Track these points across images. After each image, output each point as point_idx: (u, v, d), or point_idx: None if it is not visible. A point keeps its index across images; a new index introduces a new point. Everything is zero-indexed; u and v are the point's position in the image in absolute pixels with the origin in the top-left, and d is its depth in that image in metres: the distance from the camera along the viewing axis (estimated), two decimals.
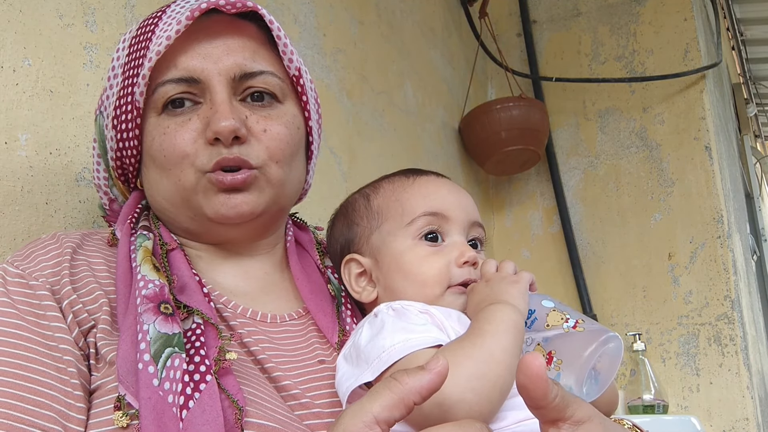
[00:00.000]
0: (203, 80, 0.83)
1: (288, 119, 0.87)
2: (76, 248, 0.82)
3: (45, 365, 0.70)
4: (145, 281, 0.76)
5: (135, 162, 0.88)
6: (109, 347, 0.73)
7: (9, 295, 0.74)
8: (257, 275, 0.91)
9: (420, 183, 0.90)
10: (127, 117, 0.85)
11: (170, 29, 0.81)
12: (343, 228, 0.93)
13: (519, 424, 0.68)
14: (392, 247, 0.86)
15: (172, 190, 0.84)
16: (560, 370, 0.71)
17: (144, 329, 0.71)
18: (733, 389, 2.30)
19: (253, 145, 0.83)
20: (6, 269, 0.78)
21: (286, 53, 0.88)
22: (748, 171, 4.32)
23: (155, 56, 0.81)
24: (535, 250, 2.72)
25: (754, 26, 4.27)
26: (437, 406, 0.65)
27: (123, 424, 0.67)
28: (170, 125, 0.83)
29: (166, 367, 0.69)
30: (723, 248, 2.40)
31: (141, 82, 0.82)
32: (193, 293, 0.78)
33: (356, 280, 0.89)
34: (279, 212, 0.90)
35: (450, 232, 0.86)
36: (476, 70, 2.73)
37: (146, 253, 0.80)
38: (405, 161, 2.13)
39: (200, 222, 0.86)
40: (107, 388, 0.72)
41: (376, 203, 0.90)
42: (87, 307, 0.76)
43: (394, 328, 0.75)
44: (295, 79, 0.90)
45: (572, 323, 0.74)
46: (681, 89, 2.57)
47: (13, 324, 0.72)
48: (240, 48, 0.85)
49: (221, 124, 0.80)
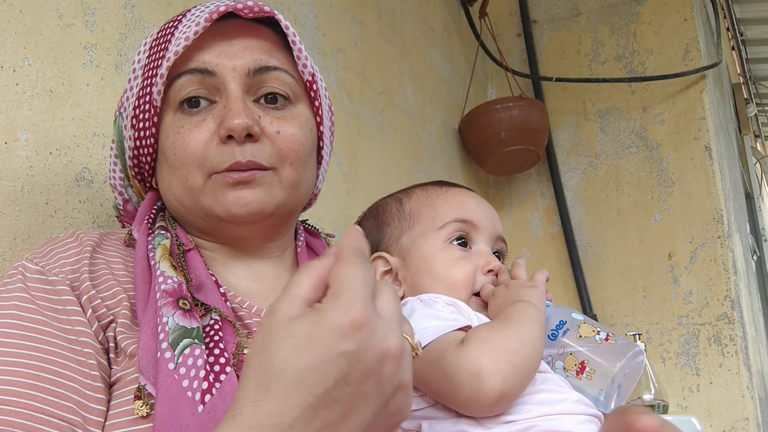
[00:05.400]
0: (217, 74, 0.84)
1: (301, 121, 0.88)
2: (95, 247, 0.84)
3: (65, 358, 0.71)
4: (164, 277, 0.78)
5: (151, 160, 0.89)
6: (129, 340, 0.75)
7: (29, 291, 0.76)
8: (269, 278, 0.92)
9: (453, 193, 0.94)
10: (145, 116, 0.86)
11: (189, 31, 0.83)
12: (372, 228, 0.95)
13: (541, 418, 0.71)
14: (422, 248, 0.89)
15: (181, 190, 0.85)
16: (591, 379, 0.74)
17: (163, 321, 0.73)
18: (733, 389, 2.30)
19: (265, 146, 0.84)
20: (25, 266, 0.79)
21: (300, 58, 0.90)
22: (748, 171, 4.32)
23: (173, 56, 0.83)
24: (535, 250, 2.72)
25: (754, 26, 4.27)
26: (473, 375, 0.68)
27: (143, 413, 0.69)
28: (185, 124, 0.84)
29: (183, 355, 0.70)
30: (723, 248, 2.40)
31: (159, 81, 0.84)
32: (210, 292, 0.80)
33: (381, 277, 0.92)
34: (289, 214, 0.91)
35: (477, 240, 0.90)
36: (476, 70, 2.74)
37: (164, 251, 0.82)
38: (405, 161, 2.14)
39: (211, 221, 0.87)
40: (128, 379, 0.73)
41: (409, 207, 0.93)
42: (106, 302, 0.78)
43: (424, 314, 0.78)
44: (308, 84, 0.91)
45: (604, 336, 0.78)
46: (681, 89, 2.57)
47: (33, 319, 0.73)
48: (256, 47, 0.87)
49: (234, 121, 0.81)
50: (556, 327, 0.79)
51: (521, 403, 0.71)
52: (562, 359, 0.77)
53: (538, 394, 0.72)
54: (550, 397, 0.72)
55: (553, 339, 0.79)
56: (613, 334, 0.78)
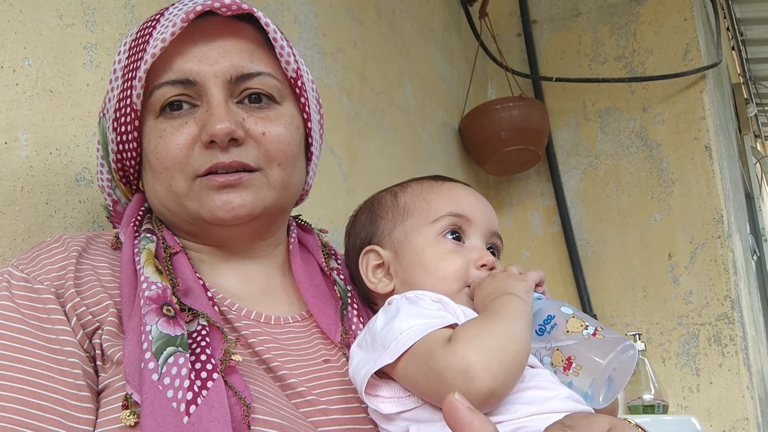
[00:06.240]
0: (199, 82, 0.83)
1: (287, 120, 0.87)
2: (81, 252, 0.82)
3: (49, 369, 0.70)
4: (148, 283, 0.76)
5: (135, 164, 0.88)
6: (116, 348, 0.74)
7: (13, 300, 0.75)
8: (258, 278, 0.91)
9: (448, 187, 0.93)
10: (126, 120, 0.85)
11: (166, 31, 0.81)
12: (366, 221, 0.95)
13: (530, 417, 0.70)
14: (414, 241, 0.88)
15: (166, 194, 0.84)
16: (578, 375, 0.73)
17: (146, 330, 0.71)
18: (733, 389, 2.30)
19: (251, 148, 0.83)
20: (11, 273, 0.78)
21: (282, 55, 0.88)
22: (748, 171, 4.32)
23: (150, 59, 0.81)
24: (535, 250, 2.71)
25: (754, 26, 4.27)
26: (462, 374, 0.67)
27: (131, 422, 0.68)
28: (166, 128, 0.83)
29: (167, 364, 0.69)
30: (723, 248, 2.40)
31: (137, 84, 0.82)
32: (197, 296, 0.79)
33: (373, 271, 0.91)
34: (279, 214, 0.90)
35: (471, 235, 0.89)
36: (476, 70, 2.73)
37: (149, 255, 0.80)
38: (405, 161, 2.14)
39: (198, 225, 0.86)
40: (115, 387, 0.72)
41: (403, 200, 0.92)
42: (90, 309, 0.76)
43: (410, 313, 0.77)
44: (293, 81, 0.89)
45: (591, 330, 0.76)
46: (681, 89, 2.57)
47: (17, 329, 0.72)
48: (237, 50, 0.85)
49: (217, 126, 0.79)
50: (544, 321, 0.78)
51: (510, 403, 0.70)
52: (550, 354, 0.76)
53: (526, 392, 0.71)
54: (538, 395, 0.71)
55: (540, 334, 0.77)
56: (602, 328, 0.76)
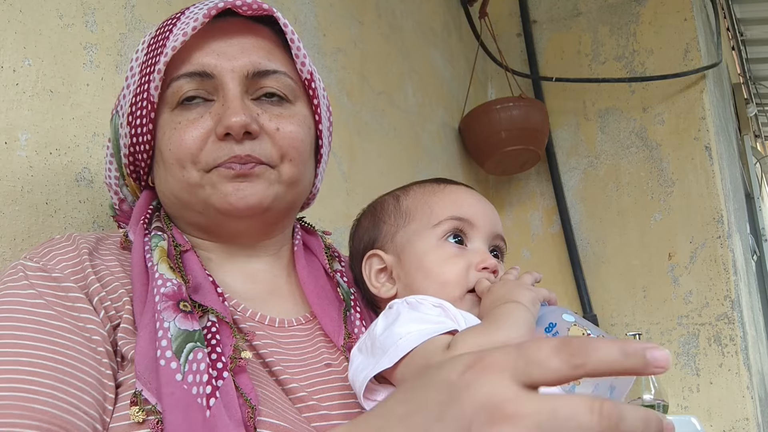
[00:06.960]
0: (216, 76, 0.84)
1: (300, 119, 0.88)
2: (92, 251, 0.83)
3: (83, 354, 0.70)
4: (163, 279, 0.76)
5: (147, 158, 0.88)
6: (129, 345, 0.74)
7: (34, 287, 0.74)
8: (264, 278, 0.92)
9: (451, 190, 0.93)
10: (142, 113, 0.86)
11: (187, 27, 0.83)
12: (369, 225, 0.95)
13: None
14: (417, 245, 0.88)
15: (178, 186, 0.85)
16: (580, 383, 0.73)
17: (165, 326, 0.72)
18: (733, 389, 2.30)
19: (265, 143, 0.84)
20: (24, 264, 0.78)
21: (299, 56, 0.90)
22: (748, 171, 4.32)
23: (171, 51, 0.82)
24: (535, 250, 2.71)
25: (754, 26, 4.27)
26: None
27: (139, 419, 0.68)
28: (182, 121, 0.84)
29: (188, 361, 0.70)
30: (723, 248, 2.40)
31: (156, 77, 0.83)
32: (207, 293, 0.80)
33: (376, 275, 0.91)
34: (287, 209, 0.91)
35: (474, 238, 0.88)
36: (476, 70, 2.73)
37: (162, 252, 0.81)
38: (405, 161, 2.14)
39: (208, 215, 0.86)
40: (129, 383, 0.72)
41: (405, 204, 0.92)
42: (114, 304, 0.77)
43: (409, 318, 0.77)
44: (306, 83, 0.91)
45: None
46: (681, 89, 2.57)
47: (45, 314, 0.71)
48: (254, 47, 0.87)
49: (233, 119, 0.81)
50: (546, 330, 0.77)
51: None
52: None
53: None
54: None
55: None
56: (604, 336, 0.76)
